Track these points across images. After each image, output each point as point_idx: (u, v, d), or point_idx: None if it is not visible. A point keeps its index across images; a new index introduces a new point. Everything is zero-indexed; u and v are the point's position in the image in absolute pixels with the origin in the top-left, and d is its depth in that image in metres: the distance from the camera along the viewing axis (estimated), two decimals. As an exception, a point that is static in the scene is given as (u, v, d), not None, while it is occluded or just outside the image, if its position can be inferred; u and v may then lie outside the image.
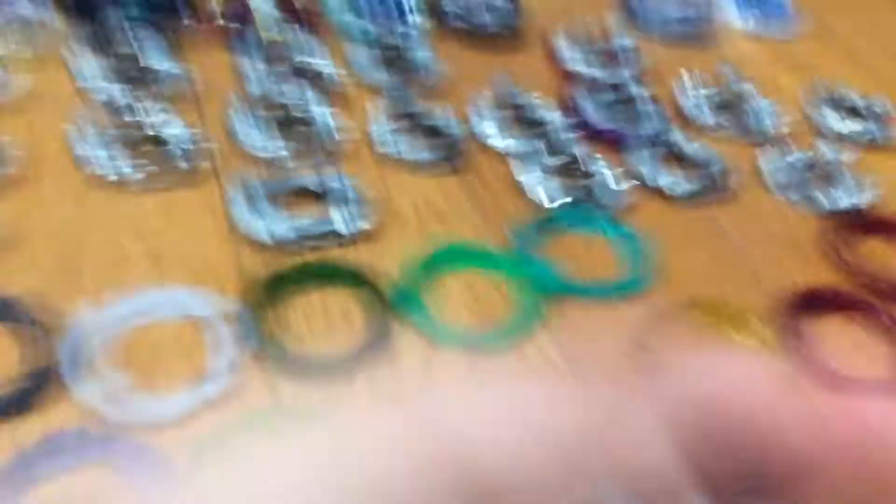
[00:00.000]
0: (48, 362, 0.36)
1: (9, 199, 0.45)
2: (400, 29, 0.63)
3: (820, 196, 0.55)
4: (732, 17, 0.77)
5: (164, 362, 0.38)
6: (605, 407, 0.16)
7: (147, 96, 0.52)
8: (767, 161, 0.57)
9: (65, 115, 0.50)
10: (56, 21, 0.56)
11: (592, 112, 0.58)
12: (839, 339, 0.45)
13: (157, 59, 0.55)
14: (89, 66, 0.53)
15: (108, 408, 0.35)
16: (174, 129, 0.50)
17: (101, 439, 0.34)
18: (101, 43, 0.55)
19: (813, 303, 0.46)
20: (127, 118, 0.49)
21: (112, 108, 0.49)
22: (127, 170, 0.47)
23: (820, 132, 0.62)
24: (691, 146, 0.56)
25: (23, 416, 0.35)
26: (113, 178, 0.47)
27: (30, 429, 0.34)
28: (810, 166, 0.57)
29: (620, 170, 0.53)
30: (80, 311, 0.38)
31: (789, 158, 0.57)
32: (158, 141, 0.49)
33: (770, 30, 0.76)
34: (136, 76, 0.53)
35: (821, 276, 0.49)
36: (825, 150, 0.58)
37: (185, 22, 0.59)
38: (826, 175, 0.57)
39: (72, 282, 0.41)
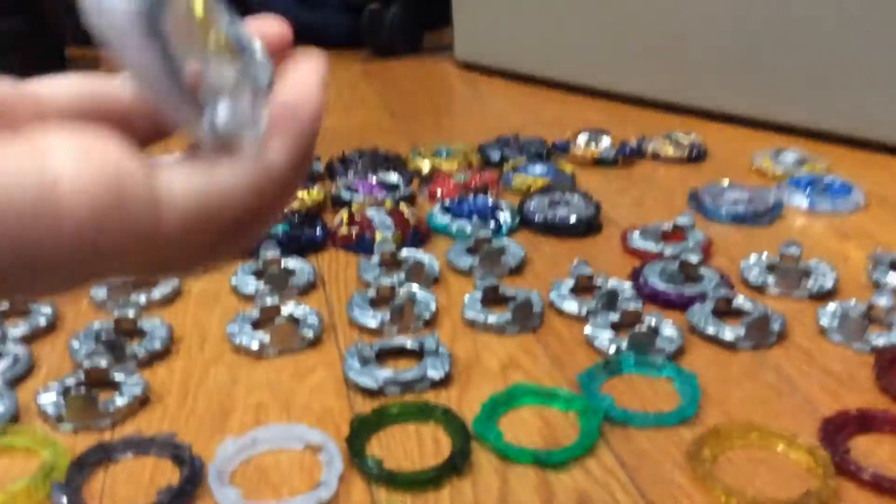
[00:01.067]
0: (200, 477, 0.46)
1: (180, 364, 0.58)
2: (492, 226, 0.75)
3: (875, 338, 0.59)
4: (798, 201, 0.85)
5: (288, 476, 0.47)
6: None
7: (286, 287, 0.66)
8: (825, 311, 0.63)
9: (220, 304, 0.65)
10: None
11: (656, 278, 0.66)
12: (890, 455, 0.48)
13: (294, 261, 0.69)
14: (242, 269, 0.68)
15: (242, 507, 0.44)
16: (304, 309, 0.62)
17: (235, 530, 0.42)
18: (253, 252, 0.70)
19: (864, 422, 0.50)
20: (268, 303, 0.62)
21: (256, 296, 0.63)
22: (267, 340, 0.59)
23: (878, 286, 0.67)
24: (749, 302, 0.63)
25: (179, 513, 0.44)
26: (255, 347, 0.59)
27: (183, 521, 0.44)
28: (867, 314, 0.62)
29: (677, 324, 0.61)
30: (227, 440, 0.49)
31: (846, 307, 0.62)
32: (293, 318, 0.61)
33: (833, 207, 0.84)
34: (277, 274, 0.67)
35: (876, 404, 0.53)
36: (881, 300, 0.63)
37: (318, 232, 0.74)
38: (882, 321, 0.61)
39: (221, 426, 0.52)
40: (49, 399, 0.52)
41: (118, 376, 0.55)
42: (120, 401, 0.52)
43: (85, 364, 0.55)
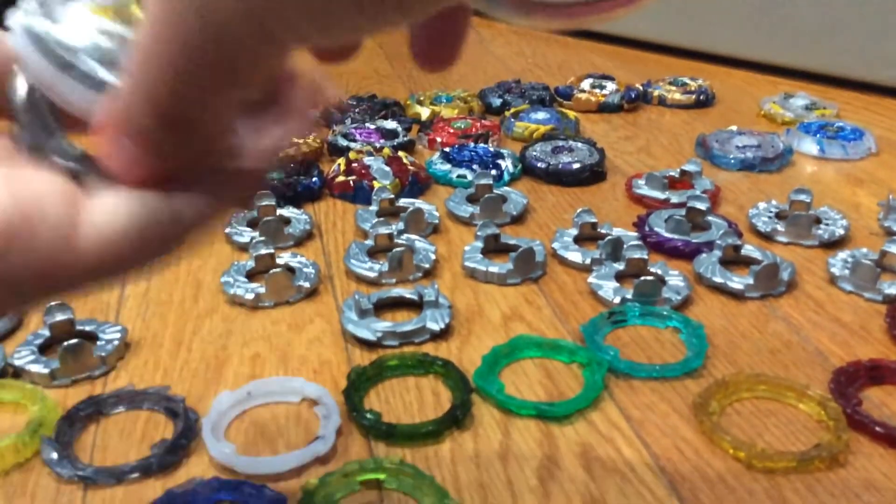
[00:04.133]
0: (195, 431, 0.45)
1: (173, 316, 0.56)
2: (493, 173, 0.73)
3: (888, 287, 0.57)
4: (807, 147, 0.83)
5: (285, 429, 0.46)
6: None
7: (281, 236, 0.64)
8: (836, 260, 0.61)
9: (214, 254, 0.63)
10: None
11: (662, 227, 0.65)
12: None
13: (289, 210, 0.68)
14: (235, 218, 0.66)
15: (237, 462, 0.43)
16: (300, 259, 0.61)
17: (230, 484, 0.41)
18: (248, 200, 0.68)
19: (877, 374, 0.49)
20: (263, 252, 0.60)
21: (250, 246, 0.61)
22: (262, 291, 0.57)
23: (890, 234, 0.65)
24: (758, 251, 0.61)
25: (173, 467, 0.43)
26: (250, 298, 0.57)
27: (177, 476, 0.43)
28: (879, 262, 0.60)
29: (684, 273, 0.59)
30: (222, 393, 0.47)
31: (857, 255, 0.61)
32: (289, 268, 0.59)
33: (844, 152, 0.81)
34: (272, 223, 0.65)
35: (888, 355, 0.51)
36: (894, 248, 0.61)
37: (314, 179, 0.72)
38: (894, 269, 0.60)
39: (216, 378, 0.51)
40: (32, 353, 0.51)
41: (95, 327, 0.53)
42: (103, 351, 0.51)
43: (59, 316, 0.53)
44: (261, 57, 0.18)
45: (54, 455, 0.43)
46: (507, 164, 0.77)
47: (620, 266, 0.59)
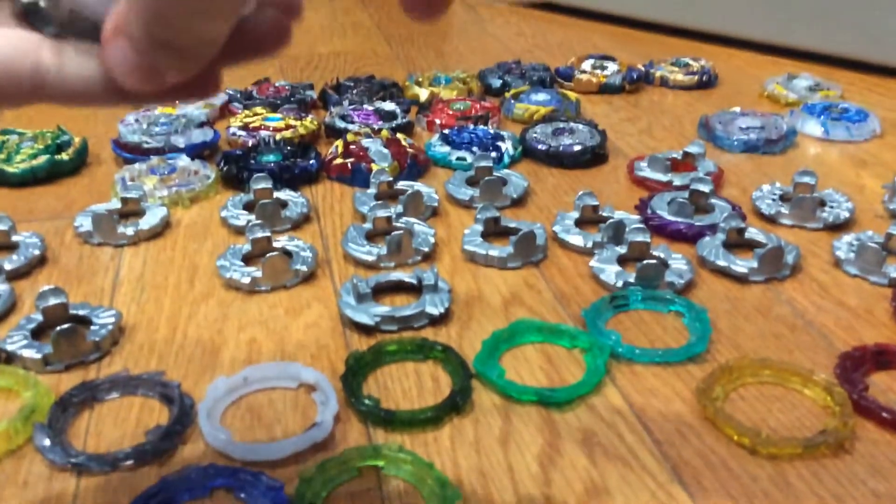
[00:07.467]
0: (190, 417, 0.44)
1: (168, 300, 0.56)
2: (493, 156, 0.72)
3: (893, 270, 0.57)
4: (811, 129, 0.82)
5: (282, 415, 0.45)
6: None
7: (278, 219, 0.63)
8: (841, 243, 0.60)
9: (210, 237, 0.62)
10: (208, 169, 0.70)
11: (664, 209, 0.64)
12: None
13: (286, 193, 0.67)
14: (232, 201, 0.66)
15: (233, 448, 0.42)
16: (297, 242, 0.60)
17: (226, 471, 0.41)
18: (243, 184, 0.67)
19: (883, 358, 0.48)
20: (259, 235, 0.59)
21: (247, 229, 0.60)
22: (258, 275, 0.56)
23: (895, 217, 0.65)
24: (762, 234, 0.60)
25: (168, 454, 0.42)
26: (246, 282, 0.56)
27: (173, 463, 0.42)
28: (884, 245, 0.59)
29: (686, 257, 0.58)
30: (218, 378, 0.47)
31: (863, 238, 0.60)
32: (286, 252, 0.58)
33: (849, 134, 0.80)
34: (269, 206, 0.64)
35: (894, 339, 0.51)
36: (899, 230, 0.60)
37: (311, 162, 0.71)
38: (899, 251, 0.59)
39: (212, 363, 0.50)
40: (25, 337, 0.50)
41: (89, 312, 0.52)
42: (97, 336, 0.50)
43: (52, 301, 0.52)
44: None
45: (47, 442, 0.42)
46: (507, 147, 0.76)
47: (622, 249, 0.59)
